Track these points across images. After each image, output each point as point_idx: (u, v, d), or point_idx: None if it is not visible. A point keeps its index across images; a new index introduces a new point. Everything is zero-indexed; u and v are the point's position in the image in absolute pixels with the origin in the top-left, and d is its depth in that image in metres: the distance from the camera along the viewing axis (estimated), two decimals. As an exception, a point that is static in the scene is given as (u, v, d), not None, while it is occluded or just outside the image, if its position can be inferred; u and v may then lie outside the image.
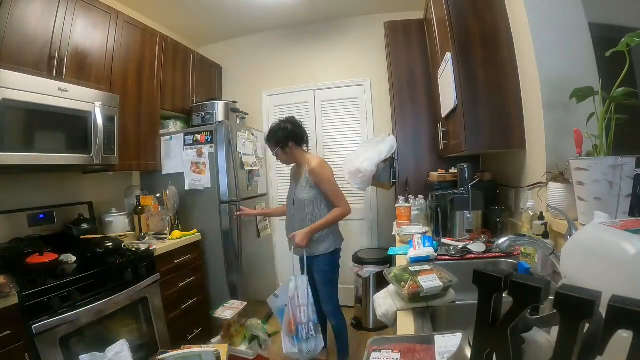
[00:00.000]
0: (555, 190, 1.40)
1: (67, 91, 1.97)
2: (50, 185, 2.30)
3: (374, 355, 0.87)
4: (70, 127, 2.02)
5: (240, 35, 3.81)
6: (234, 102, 3.45)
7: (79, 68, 2.15)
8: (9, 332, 1.43)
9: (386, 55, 3.16)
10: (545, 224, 1.40)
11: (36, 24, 1.88)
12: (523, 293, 0.42)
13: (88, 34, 2.22)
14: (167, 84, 3.01)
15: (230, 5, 3.13)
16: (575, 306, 0.38)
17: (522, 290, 0.42)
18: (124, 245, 2.28)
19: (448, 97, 2.06)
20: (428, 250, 1.59)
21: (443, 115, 2.31)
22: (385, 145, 2.70)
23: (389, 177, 2.75)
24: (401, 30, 2.96)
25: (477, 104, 1.88)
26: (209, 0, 3.05)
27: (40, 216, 2.12)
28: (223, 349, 1.88)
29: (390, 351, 0.88)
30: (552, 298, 0.40)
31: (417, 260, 1.51)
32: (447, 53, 1.98)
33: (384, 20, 3.06)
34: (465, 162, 2.18)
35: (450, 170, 2.43)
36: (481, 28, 1.92)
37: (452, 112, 2.07)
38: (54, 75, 1.96)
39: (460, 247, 1.77)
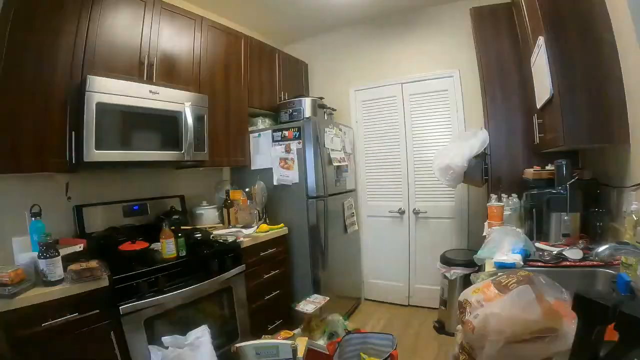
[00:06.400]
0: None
1: (158, 93, 2.13)
2: (146, 180, 2.52)
3: None
4: (162, 126, 2.19)
5: (325, 32, 3.78)
6: (321, 98, 3.42)
7: (168, 71, 2.33)
8: (98, 311, 1.58)
9: (474, 44, 2.82)
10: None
11: (124, 33, 2.07)
12: (635, 329, 0.31)
13: (174, 40, 2.39)
14: (254, 82, 3.11)
15: (312, 3, 3.11)
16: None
17: (635, 326, 0.31)
18: (212, 237, 2.38)
19: (542, 86, 1.89)
20: (515, 258, 1.52)
21: (538, 107, 2.09)
22: (476, 139, 2.52)
23: (480, 173, 2.56)
24: (488, 16, 2.68)
25: (575, 93, 1.70)
26: (290, 1, 3.06)
27: (135, 207, 2.33)
28: (302, 342, 1.83)
29: None
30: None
31: (502, 266, 1.46)
32: (539, 37, 1.81)
33: (469, 7, 2.76)
34: (561, 157, 1.94)
35: (547, 167, 2.20)
36: (573, 6, 1.72)
37: (548, 102, 1.88)
38: (145, 79, 2.15)
39: (555, 252, 1.64)
